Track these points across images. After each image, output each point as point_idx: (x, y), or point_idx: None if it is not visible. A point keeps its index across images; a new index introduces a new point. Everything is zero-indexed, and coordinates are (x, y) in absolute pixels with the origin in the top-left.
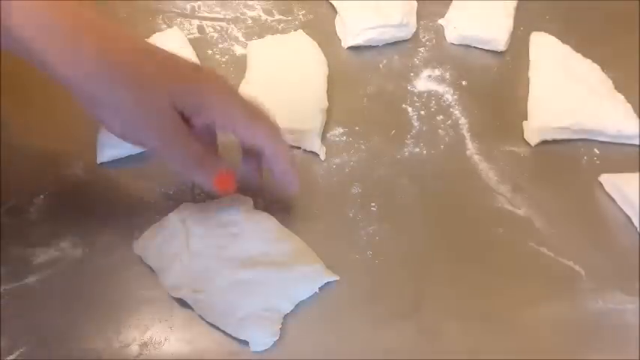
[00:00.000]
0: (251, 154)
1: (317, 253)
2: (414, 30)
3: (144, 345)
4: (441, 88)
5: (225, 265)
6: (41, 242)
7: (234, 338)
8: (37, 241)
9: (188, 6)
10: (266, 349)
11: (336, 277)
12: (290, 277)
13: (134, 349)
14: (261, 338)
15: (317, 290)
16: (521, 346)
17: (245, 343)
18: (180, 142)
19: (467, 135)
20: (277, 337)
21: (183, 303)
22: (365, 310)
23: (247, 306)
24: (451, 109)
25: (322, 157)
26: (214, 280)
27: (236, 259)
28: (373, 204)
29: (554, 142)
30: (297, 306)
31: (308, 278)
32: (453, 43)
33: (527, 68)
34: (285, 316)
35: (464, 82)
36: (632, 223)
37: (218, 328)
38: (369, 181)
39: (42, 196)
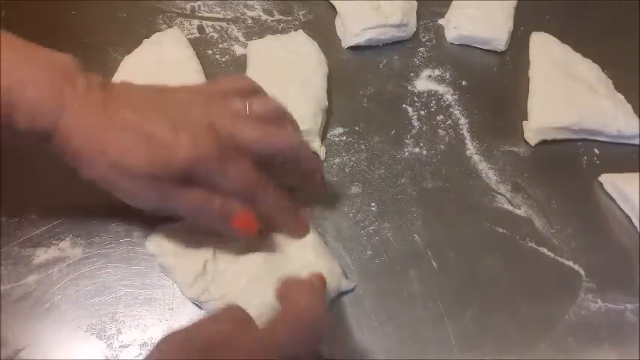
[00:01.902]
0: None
1: None
2: (414, 30)
3: (144, 345)
4: (441, 88)
5: (247, 267)
6: (41, 242)
7: None
8: (37, 241)
9: (188, 6)
10: None
11: (352, 285)
12: None
13: (134, 349)
14: None
15: (332, 296)
16: (521, 345)
17: None
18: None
19: (467, 135)
20: None
21: (183, 303)
22: (365, 310)
23: (260, 309)
24: (451, 109)
25: (322, 157)
26: (233, 282)
27: (258, 261)
28: (373, 204)
29: (554, 142)
30: None
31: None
32: (453, 43)
33: (527, 68)
34: None
35: (464, 82)
36: (632, 223)
37: None
38: (369, 181)
39: (42, 197)
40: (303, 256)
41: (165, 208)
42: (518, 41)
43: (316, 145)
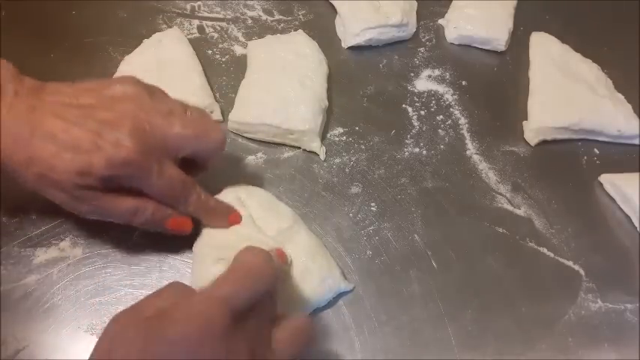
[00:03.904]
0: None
1: None
2: (414, 30)
3: None
4: (441, 88)
5: None
6: (41, 242)
7: None
8: (37, 241)
9: (188, 6)
10: None
11: (351, 287)
12: (308, 283)
13: None
14: None
15: (331, 298)
16: (521, 345)
17: None
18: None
19: (467, 135)
20: None
21: None
22: (365, 310)
23: None
24: (451, 109)
25: (322, 157)
26: None
27: None
28: (373, 204)
29: (554, 142)
30: None
31: (325, 286)
32: (453, 43)
33: (527, 68)
34: None
35: (464, 82)
36: (632, 223)
37: None
38: (369, 181)
39: (42, 197)
40: (301, 257)
41: (99, 215)
42: (518, 41)
43: (316, 145)
